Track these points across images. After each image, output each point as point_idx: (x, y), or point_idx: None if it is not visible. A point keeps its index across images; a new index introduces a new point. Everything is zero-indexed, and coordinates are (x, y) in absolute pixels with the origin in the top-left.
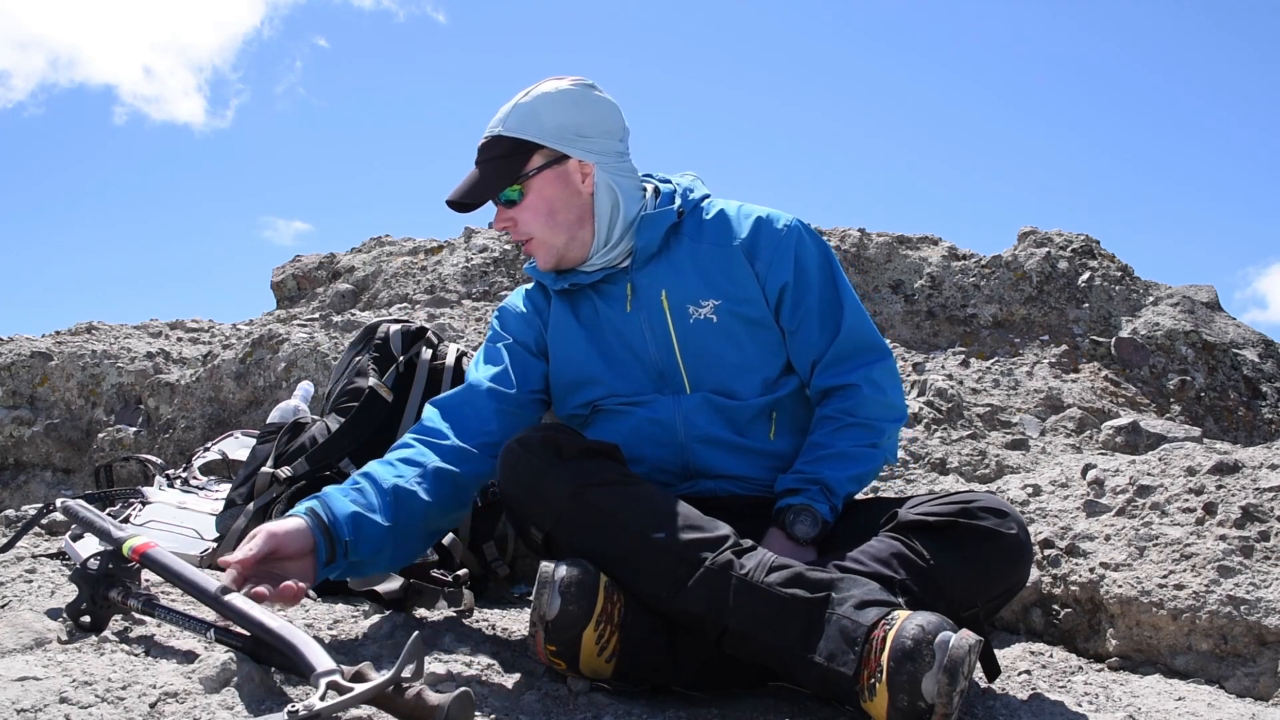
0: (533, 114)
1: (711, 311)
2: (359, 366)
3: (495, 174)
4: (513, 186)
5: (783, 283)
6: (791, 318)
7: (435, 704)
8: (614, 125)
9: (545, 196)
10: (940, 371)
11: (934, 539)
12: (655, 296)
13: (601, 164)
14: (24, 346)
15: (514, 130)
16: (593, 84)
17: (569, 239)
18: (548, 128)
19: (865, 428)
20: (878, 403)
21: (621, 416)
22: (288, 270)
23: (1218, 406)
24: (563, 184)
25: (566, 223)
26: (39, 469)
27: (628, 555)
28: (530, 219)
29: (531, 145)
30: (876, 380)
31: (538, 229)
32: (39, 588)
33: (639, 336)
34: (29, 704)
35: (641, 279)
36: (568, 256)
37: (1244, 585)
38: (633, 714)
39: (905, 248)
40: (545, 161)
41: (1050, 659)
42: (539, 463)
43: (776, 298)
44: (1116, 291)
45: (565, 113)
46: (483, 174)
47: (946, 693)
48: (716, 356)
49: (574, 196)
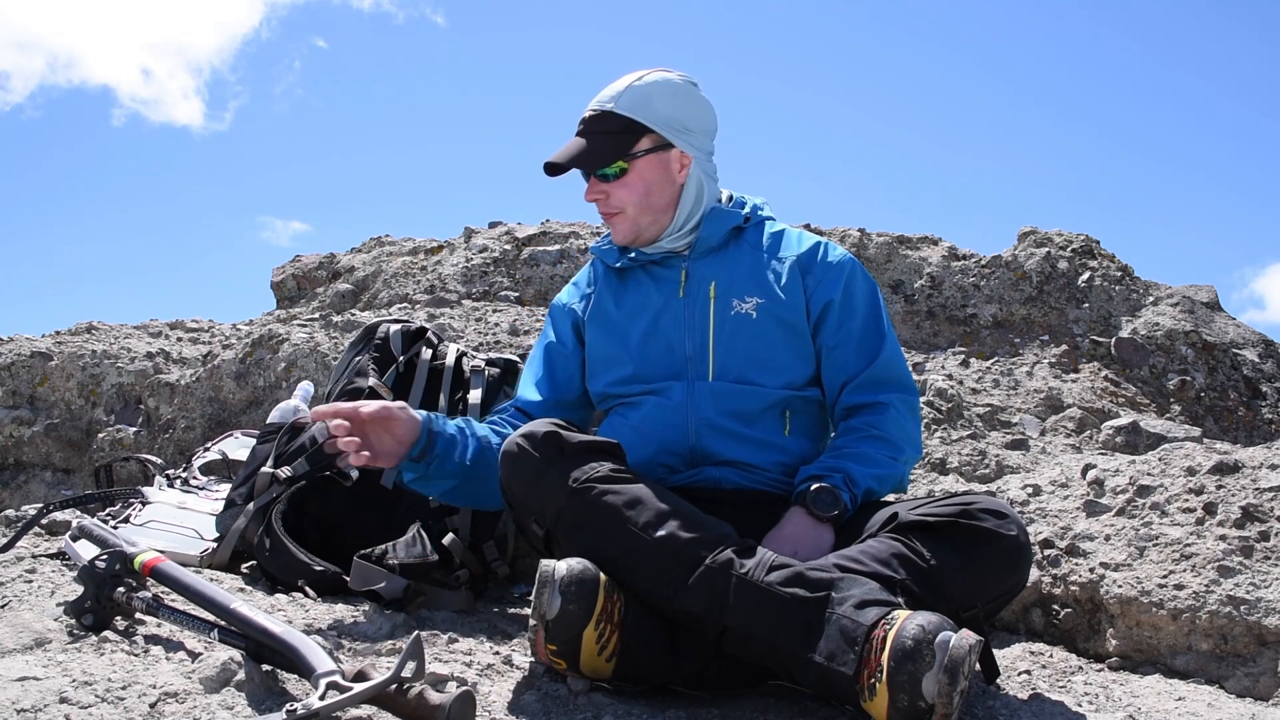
0: (646, 99)
1: (753, 309)
2: (359, 366)
3: (606, 147)
4: (619, 163)
5: (829, 299)
6: (833, 335)
7: (436, 704)
8: (712, 126)
9: (645, 178)
10: (940, 371)
11: (934, 539)
12: (704, 287)
13: (698, 159)
14: (24, 346)
15: (627, 110)
16: (697, 83)
17: (653, 220)
18: (660, 114)
19: (888, 442)
20: (900, 427)
21: (637, 405)
22: (288, 270)
23: (1218, 406)
24: (663, 170)
25: (657, 206)
26: (39, 469)
27: (628, 554)
28: (626, 195)
29: (643, 127)
30: (903, 410)
31: (631, 206)
32: (39, 588)
33: (678, 323)
34: (29, 704)
35: (696, 268)
36: (644, 235)
37: (1244, 585)
38: (633, 714)
39: (905, 248)
40: (652, 145)
41: (1050, 659)
42: (540, 460)
43: (820, 313)
44: (1116, 291)
45: (676, 104)
46: (592, 144)
47: (947, 693)
48: (746, 349)
49: (669, 184)
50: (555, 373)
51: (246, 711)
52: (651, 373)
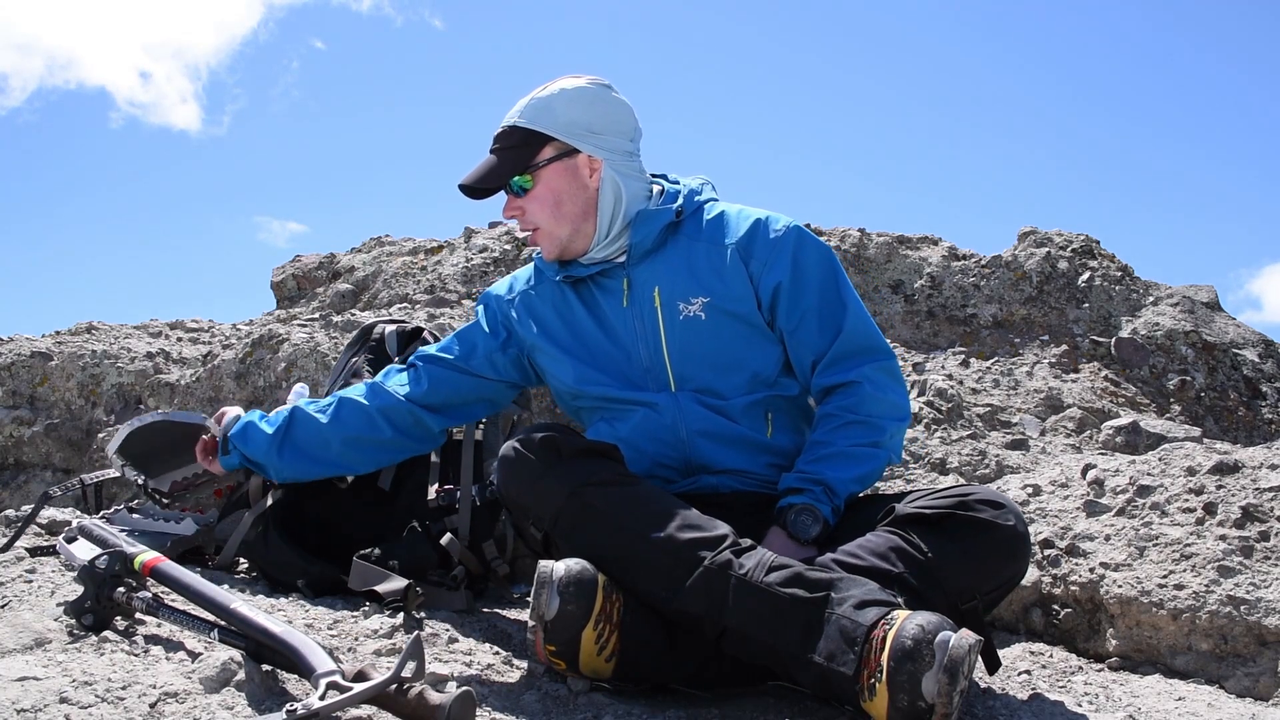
0: (548, 108)
1: (700, 309)
2: (355, 367)
3: (508, 162)
4: (523, 175)
5: (777, 282)
6: (789, 317)
7: (436, 703)
8: (626, 125)
9: (553, 188)
10: (940, 371)
11: (931, 532)
12: (649, 293)
13: (610, 161)
14: (24, 346)
15: (528, 122)
16: (609, 85)
17: (573, 231)
18: (560, 122)
19: (866, 425)
20: (879, 400)
21: (623, 416)
22: (288, 270)
23: (1218, 406)
24: (570, 177)
25: (571, 215)
26: (39, 469)
27: (626, 555)
28: (538, 209)
29: (544, 137)
30: (878, 378)
31: (544, 219)
32: (39, 588)
33: (631, 332)
34: (29, 704)
35: (637, 274)
36: (571, 247)
37: (1244, 585)
38: (633, 714)
39: (905, 248)
40: (556, 154)
41: (1050, 659)
42: (538, 463)
43: (771, 297)
44: (1116, 291)
45: (579, 109)
46: (497, 161)
47: (946, 692)
48: (701, 354)
49: (580, 190)
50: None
51: (246, 711)
52: (619, 383)
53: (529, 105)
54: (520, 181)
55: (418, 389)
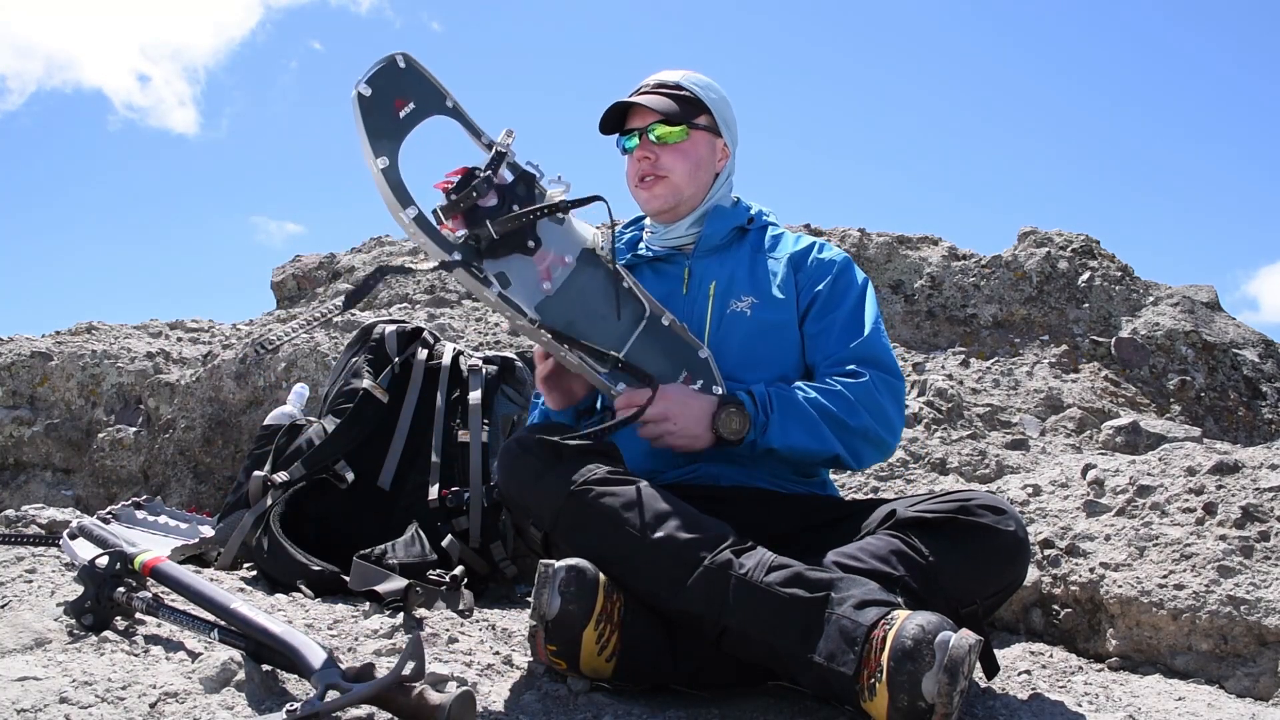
0: (707, 86)
1: (748, 307)
2: (354, 368)
3: (673, 106)
4: (683, 126)
5: (817, 291)
6: (817, 322)
7: (437, 703)
8: (737, 135)
9: (699, 151)
10: (940, 371)
11: (932, 536)
12: (705, 286)
13: (731, 156)
14: (24, 346)
15: (689, 86)
16: None
17: (692, 195)
18: (715, 103)
19: (846, 403)
20: (873, 403)
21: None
22: (288, 270)
23: (1218, 406)
24: (710, 151)
25: (699, 182)
26: (39, 469)
27: (626, 555)
28: (677, 161)
29: (704, 106)
30: (881, 386)
31: (679, 173)
32: (39, 588)
33: (683, 318)
34: (29, 704)
35: (699, 267)
36: (680, 208)
37: (1244, 585)
38: (633, 714)
39: (905, 248)
40: (708, 125)
41: (1050, 659)
42: (537, 463)
43: (808, 304)
44: (1116, 291)
45: (723, 101)
46: (659, 102)
47: (947, 692)
48: (737, 347)
49: (710, 166)
50: None
51: (246, 711)
52: None
53: (688, 76)
54: (676, 133)
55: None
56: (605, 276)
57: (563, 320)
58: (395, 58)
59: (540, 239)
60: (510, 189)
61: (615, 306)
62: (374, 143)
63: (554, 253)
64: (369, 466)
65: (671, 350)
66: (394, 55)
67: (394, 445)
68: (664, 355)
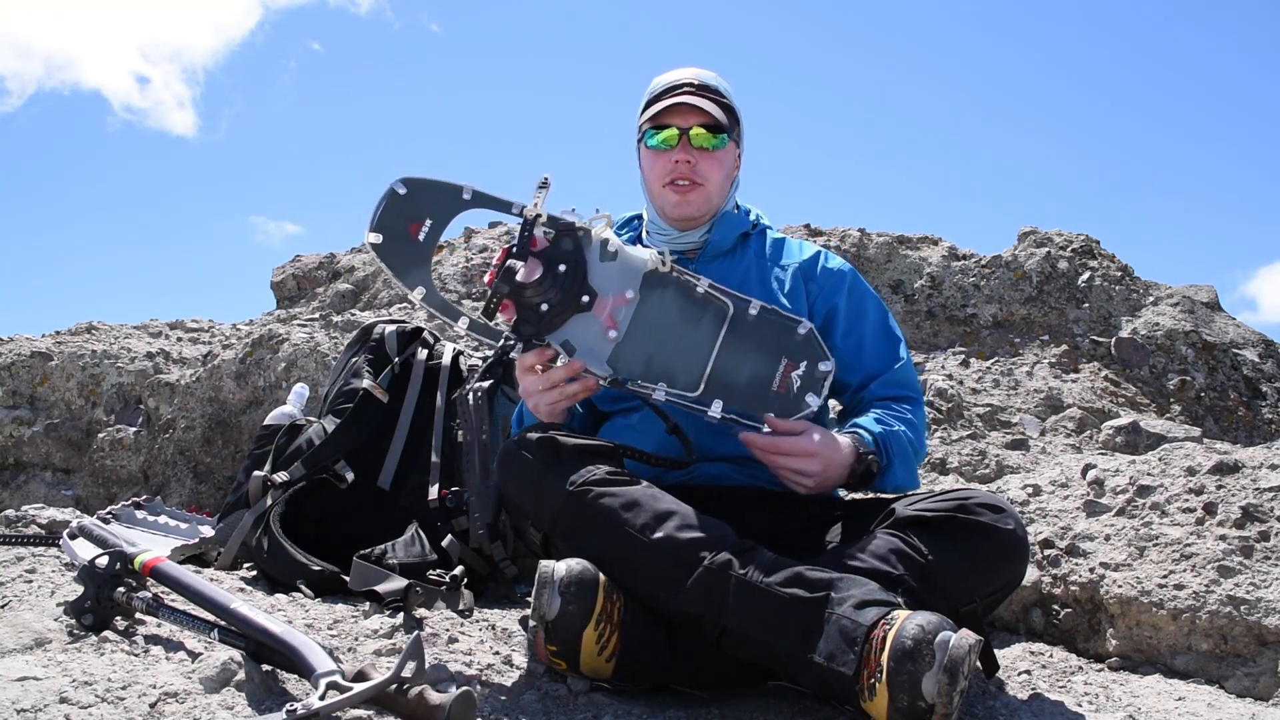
0: (730, 93)
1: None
2: (354, 368)
3: (720, 116)
4: (724, 136)
5: (834, 305)
6: (847, 337)
7: (436, 703)
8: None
9: (729, 161)
10: (940, 371)
11: (931, 535)
12: None
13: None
14: (24, 346)
15: (729, 96)
16: None
17: (717, 205)
18: (737, 110)
19: (920, 439)
20: (920, 424)
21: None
22: (288, 270)
23: (1218, 406)
24: (733, 160)
25: (724, 192)
26: (39, 469)
27: (626, 556)
28: (714, 171)
29: (736, 115)
30: (920, 417)
31: (714, 182)
32: (39, 588)
33: None
34: (29, 704)
35: (707, 272)
36: (703, 219)
37: (1244, 585)
38: (633, 714)
39: (905, 248)
40: (737, 135)
41: (1050, 659)
42: (536, 464)
43: (825, 318)
44: (1116, 291)
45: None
46: (712, 104)
47: (947, 692)
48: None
49: (731, 175)
50: None
51: (246, 711)
52: None
53: (717, 81)
54: (719, 140)
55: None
56: (674, 294)
57: (640, 361)
58: (394, 189)
59: (594, 289)
60: (555, 246)
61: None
62: (403, 279)
63: (613, 295)
64: (369, 466)
65: (764, 342)
66: (391, 186)
67: (394, 445)
68: (757, 350)
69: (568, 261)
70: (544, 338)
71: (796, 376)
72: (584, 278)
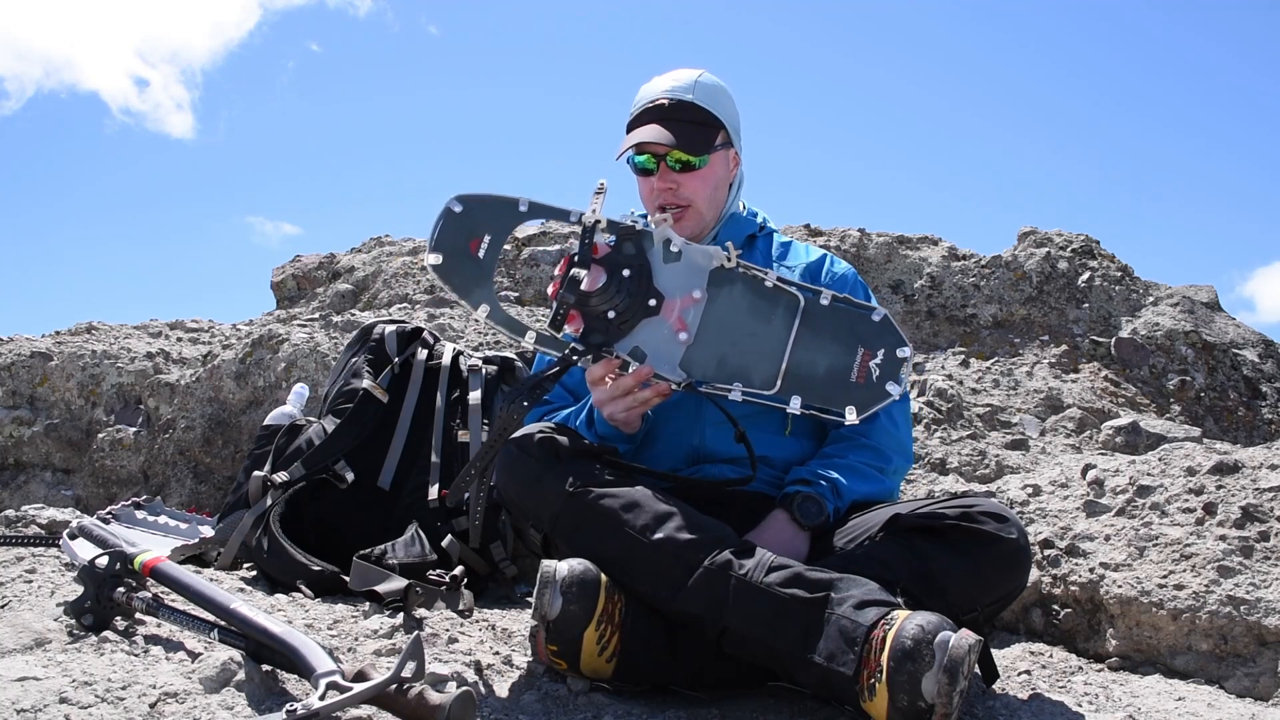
0: (718, 95)
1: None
2: (354, 368)
3: (695, 137)
4: (702, 155)
5: None
6: None
7: (436, 703)
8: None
9: (716, 173)
10: (940, 371)
11: (934, 542)
12: None
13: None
14: (24, 346)
15: (704, 102)
16: None
17: (714, 217)
18: (727, 113)
19: (875, 452)
20: (890, 434)
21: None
22: (288, 270)
23: (1218, 406)
24: (724, 168)
25: (718, 202)
26: (39, 469)
27: (626, 556)
28: (698, 189)
29: (718, 122)
30: (893, 415)
31: (701, 200)
32: (39, 588)
33: None
34: (29, 704)
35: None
36: (703, 233)
37: (1244, 585)
38: (633, 714)
39: (905, 248)
40: (723, 142)
41: (1050, 659)
42: (537, 464)
43: None
44: (1116, 291)
45: (733, 106)
46: (680, 131)
47: (946, 692)
48: None
49: (725, 181)
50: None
51: (246, 711)
52: None
53: (698, 86)
54: (698, 160)
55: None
56: (743, 290)
57: (712, 361)
58: (449, 207)
59: (660, 291)
60: (617, 251)
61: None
62: (467, 298)
63: (680, 296)
64: (369, 466)
65: (839, 331)
66: (447, 205)
67: (394, 445)
68: (832, 340)
69: (631, 266)
70: (613, 346)
71: (875, 365)
72: (649, 281)
